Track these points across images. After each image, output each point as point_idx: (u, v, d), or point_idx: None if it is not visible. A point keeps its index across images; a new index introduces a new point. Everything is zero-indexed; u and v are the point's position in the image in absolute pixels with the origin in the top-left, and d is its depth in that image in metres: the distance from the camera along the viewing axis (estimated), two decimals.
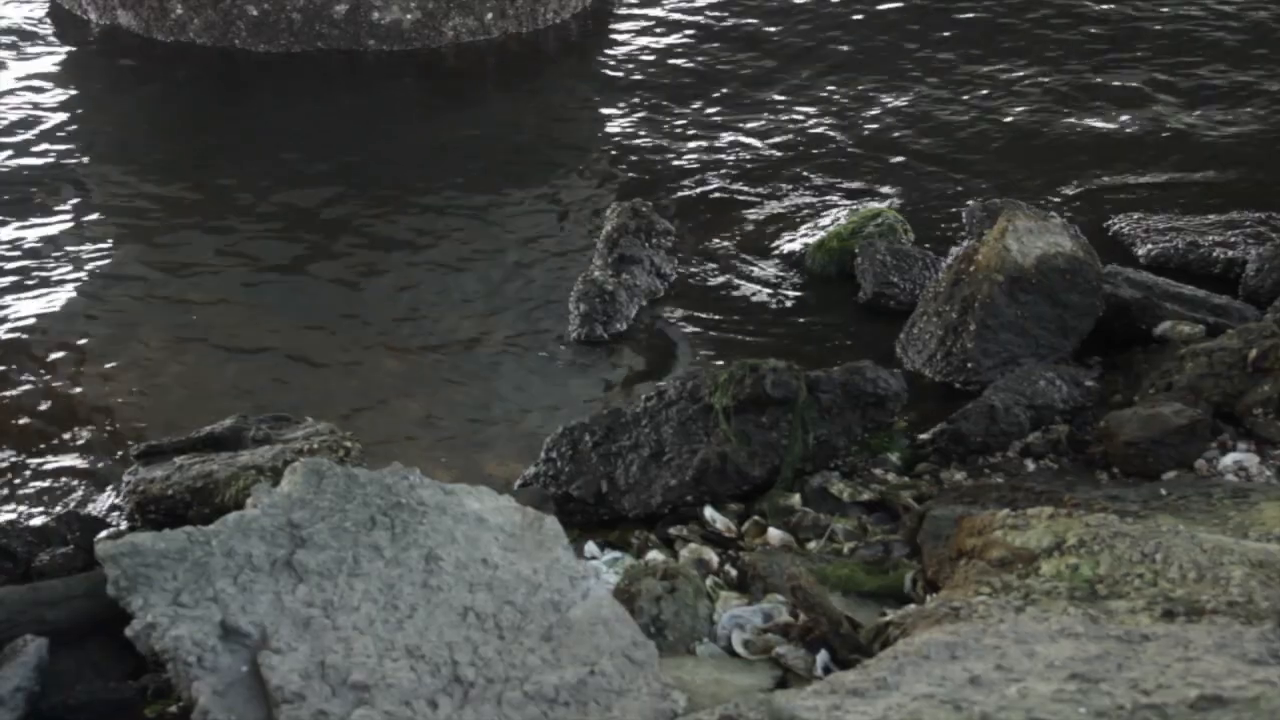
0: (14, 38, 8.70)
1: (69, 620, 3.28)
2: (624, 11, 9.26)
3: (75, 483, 4.69)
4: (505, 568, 3.35)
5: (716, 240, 6.45)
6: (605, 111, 7.93)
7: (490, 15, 8.74)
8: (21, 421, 5.04)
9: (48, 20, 8.98)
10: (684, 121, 7.71)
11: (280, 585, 3.22)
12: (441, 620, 3.20)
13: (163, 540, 3.22)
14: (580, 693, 3.07)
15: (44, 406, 5.15)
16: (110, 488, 4.59)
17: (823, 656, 3.53)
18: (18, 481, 4.69)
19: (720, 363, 5.38)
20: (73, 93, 8.08)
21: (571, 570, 3.38)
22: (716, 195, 6.91)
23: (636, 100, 7.99)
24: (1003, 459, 4.72)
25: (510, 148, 7.53)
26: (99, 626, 3.31)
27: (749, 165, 7.22)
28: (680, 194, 6.92)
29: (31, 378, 5.33)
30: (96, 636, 3.31)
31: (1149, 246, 6.21)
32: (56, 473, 4.76)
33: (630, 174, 7.15)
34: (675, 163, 7.26)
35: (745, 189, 6.97)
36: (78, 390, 5.28)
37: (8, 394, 5.20)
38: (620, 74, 8.36)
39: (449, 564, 3.33)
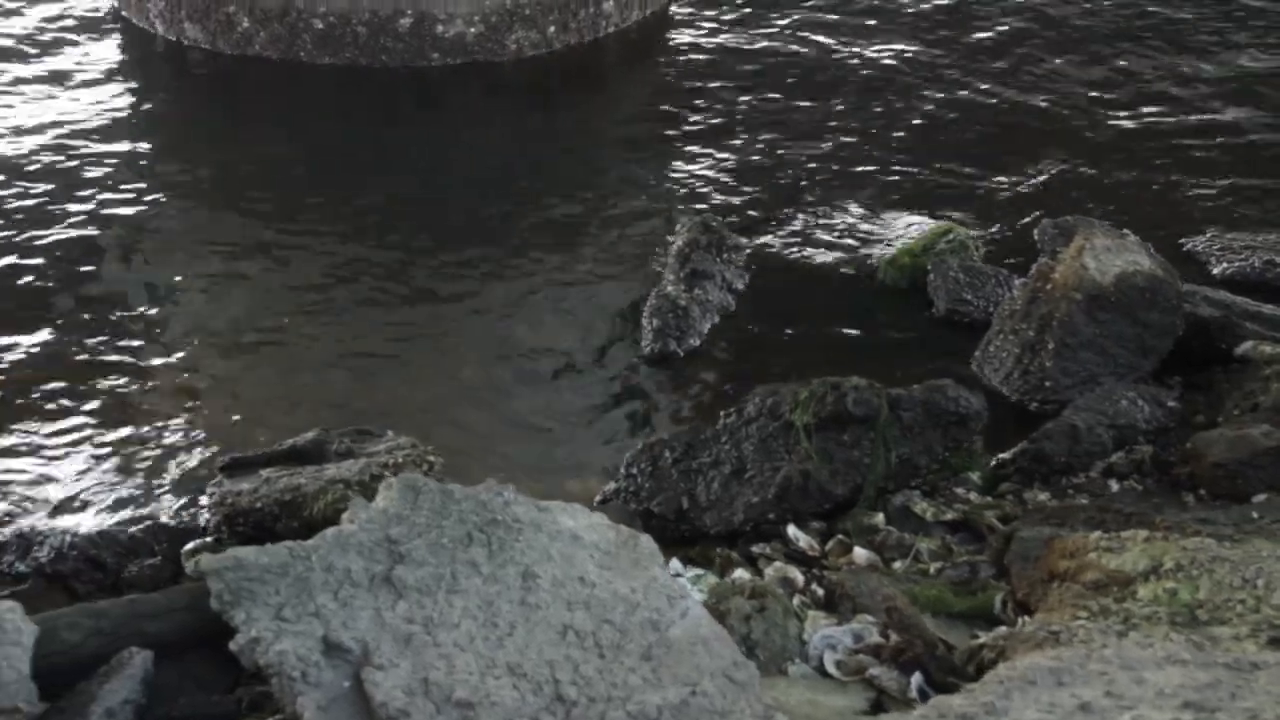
0: (82, 51, 8.77)
1: (169, 633, 3.30)
2: (682, 20, 9.26)
3: (160, 495, 4.73)
4: (602, 586, 3.34)
5: (786, 255, 6.44)
6: (668, 122, 7.93)
7: (553, 29, 8.76)
8: (106, 435, 5.07)
9: (115, 34, 9.05)
10: (746, 133, 7.71)
11: (380, 601, 3.22)
12: (541, 638, 3.19)
13: (265, 555, 3.23)
14: (683, 713, 3.05)
15: (127, 420, 5.18)
16: (195, 500, 4.62)
17: (917, 679, 3.50)
18: (105, 494, 4.72)
19: (797, 380, 5.35)
20: (139, 106, 8.14)
21: (669, 589, 3.36)
22: (783, 208, 6.89)
23: (699, 111, 7.99)
24: (1086, 480, 4.68)
25: (575, 160, 7.55)
26: (198, 639, 3.32)
27: (815, 177, 7.21)
28: (747, 208, 6.91)
29: (113, 392, 5.36)
30: (196, 649, 3.31)
31: (1224, 265, 6.16)
32: (141, 485, 4.79)
33: (696, 187, 7.15)
34: (739, 175, 7.26)
35: (812, 201, 6.96)
36: (157, 404, 5.31)
37: (91, 409, 5.23)
38: (682, 84, 8.37)
39: (546, 581, 3.33)
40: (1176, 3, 9.43)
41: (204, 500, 4.54)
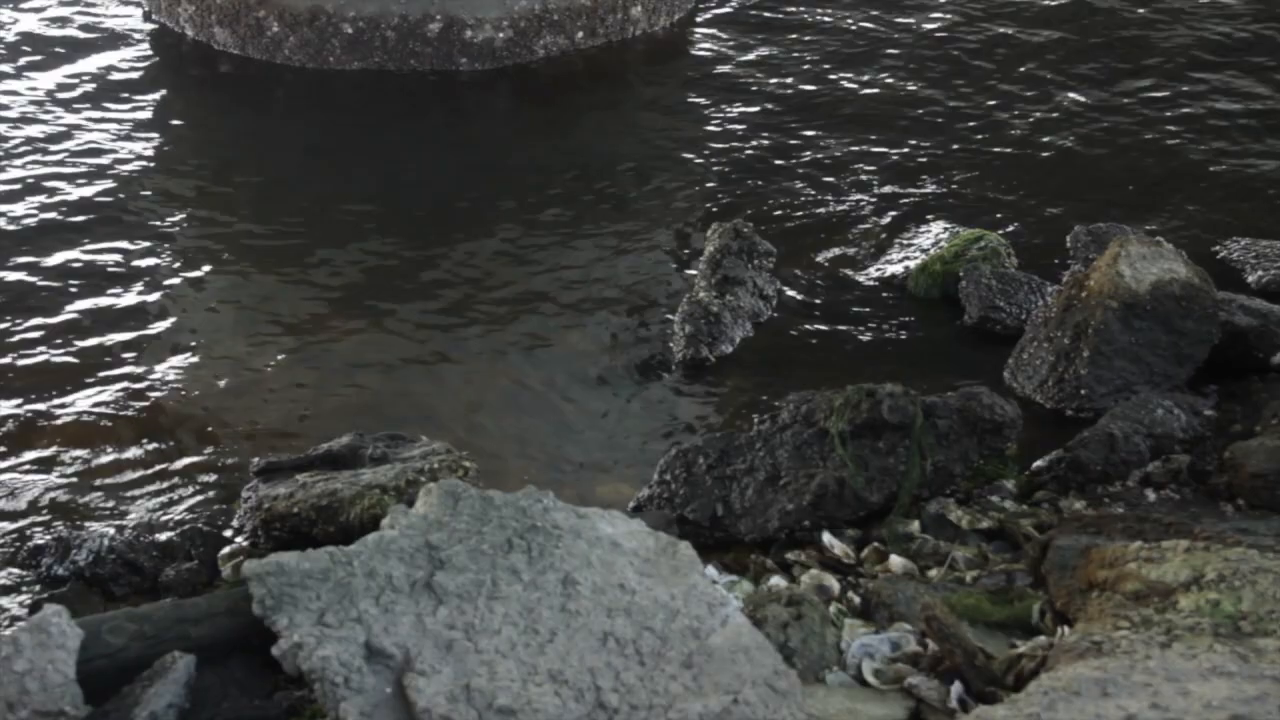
0: (111, 54, 8.79)
1: (211, 637, 3.31)
2: (708, 25, 9.26)
3: (194, 499, 4.73)
4: (642, 593, 3.35)
5: (816, 261, 6.42)
6: (696, 128, 7.93)
7: (581, 34, 8.77)
8: (139, 438, 5.08)
9: (144, 37, 9.08)
10: (774, 139, 7.69)
11: (421, 607, 3.23)
12: (582, 645, 3.20)
13: (306, 560, 3.24)
14: None
15: (159, 424, 5.19)
16: (230, 503, 4.63)
17: (957, 688, 3.49)
18: (139, 497, 4.73)
19: (829, 386, 5.34)
20: (167, 109, 8.16)
21: (709, 597, 3.36)
22: (813, 214, 6.88)
23: (728, 115, 7.99)
24: (1122, 488, 4.66)
25: (605, 165, 7.54)
26: (238, 644, 3.33)
27: (844, 182, 7.19)
28: (776, 213, 6.89)
29: (144, 396, 5.38)
30: (236, 653, 3.32)
31: (1260, 273, 6.12)
32: (175, 489, 4.80)
33: (725, 192, 7.14)
34: (769, 180, 7.24)
35: (841, 207, 6.95)
36: (189, 408, 5.32)
37: (125, 413, 5.24)
38: (709, 89, 8.36)
39: (586, 588, 3.33)
40: (1215, 19, 9.38)
41: (239, 505, 4.56)
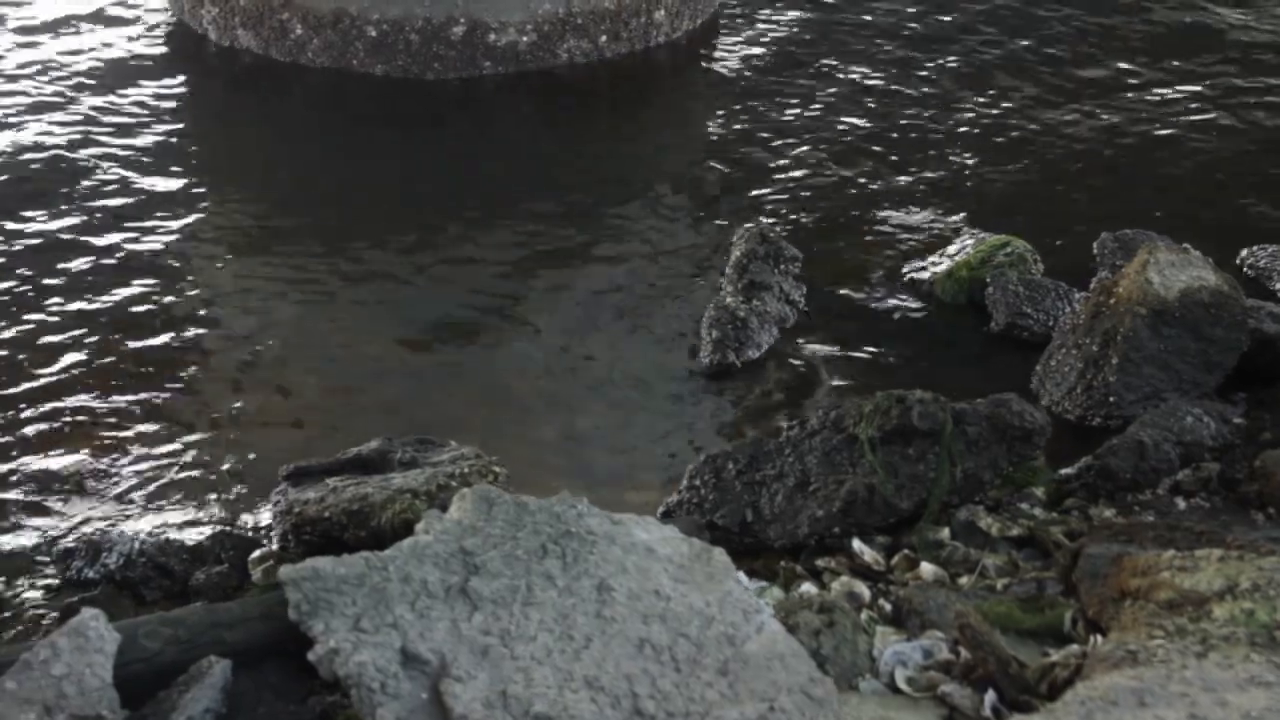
0: (134, 56, 8.82)
1: (245, 642, 3.31)
2: (731, 29, 9.26)
3: (223, 502, 4.74)
4: (677, 600, 3.34)
5: (842, 266, 6.42)
6: (720, 132, 7.94)
7: (604, 38, 8.78)
8: (167, 442, 5.09)
9: (168, 38, 9.10)
10: (797, 142, 7.69)
11: (456, 612, 3.22)
12: (618, 651, 3.19)
13: (342, 565, 3.24)
14: None
15: (186, 427, 5.20)
16: (260, 507, 4.64)
17: (990, 697, 3.48)
18: (169, 501, 4.75)
19: (856, 393, 5.35)
20: (190, 111, 8.20)
21: (744, 604, 3.36)
22: (837, 218, 6.88)
23: (751, 120, 7.99)
24: (1152, 496, 4.65)
25: (628, 170, 7.55)
26: (271, 649, 3.33)
27: (869, 187, 7.19)
28: (800, 218, 6.90)
29: (172, 399, 5.39)
30: (271, 658, 3.33)
31: None
32: (204, 492, 4.81)
33: (749, 196, 7.14)
34: (791, 185, 7.25)
35: (867, 212, 6.94)
36: (216, 411, 5.33)
37: (151, 415, 5.26)
38: (732, 93, 8.37)
39: (621, 594, 3.33)
40: (1240, 28, 9.36)
41: (268, 508, 4.56)
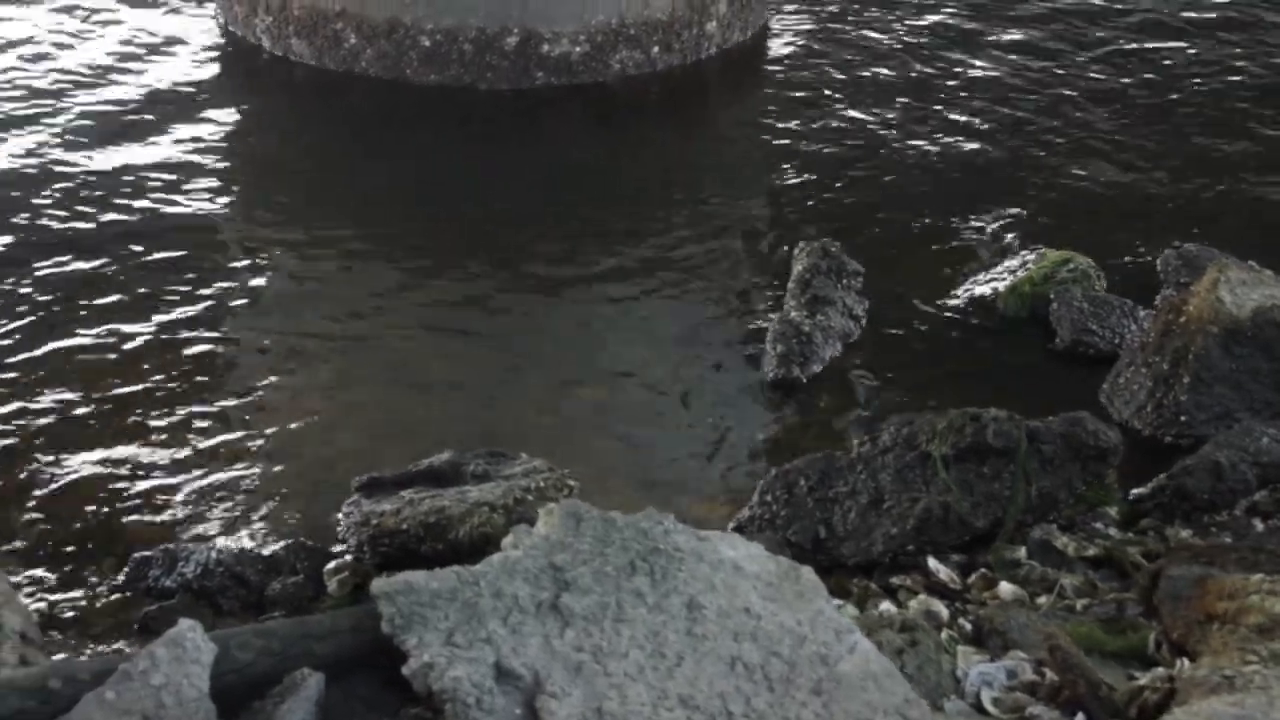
0: (186, 65, 8.85)
1: (335, 654, 3.29)
2: (781, 39, 9.24)
3: (296, 513, 4.74)
4: (768, 618, 3.32)
5: (903, 281, 6.39)
6: (774, 144, 7.92)
7: (656, 49, 8.77)
8: (237, 452, 5.09)
9: (220, 47, 9.14)
10: (853, 155, 7.67)
11: (548, 628, 3.21)
12: (710, 670, 3.17)
13: (435, 579, 3.23)
14: None
15: (255, 437, 5.20)
16: (333, 518, 4.62)
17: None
18: (241, 511, 4.75)
19: (920, 408, 5.31)
20: (243, 121, 8.21)
21: (836, 623, 3.34)
22: (898, 232, 6.86)
23: (805, 132, 7.97)
24: (1229, 517, 4.61)
25: (684, 183, 7.54)
26: (362, 661, 3.32)
27: (925, 200, 7.16)
28: (858, 233, 6.86)
29: (239, 410, 5.38)
30: (360, 671, 3.31)
31: None
32: (276, 502, 4.81)
33: (808, 209, 7.12)
34: (848, 199, 7.23)
35: (925, 225, 6.92)
36: (283, 421, 5.33)
37: (219, 426, 5.26)
38: (787, 104, 8.36)
39: (711, 612, 3.31)
40: None
41: (341, 519, 4.56)
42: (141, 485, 4.87)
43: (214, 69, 8.81)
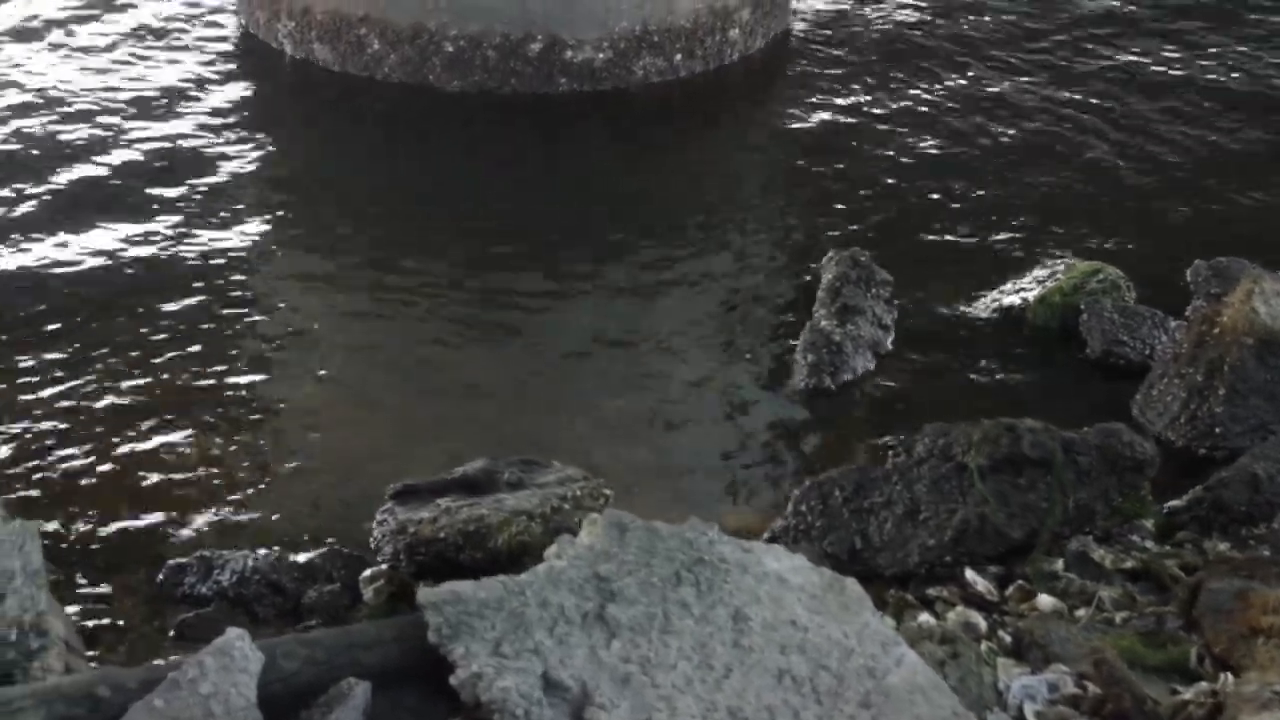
0: (208, 69, 8.83)
1: (380, 664, 3.29)
2: (802, 45, 9.22)
3: (330, 520, 4.74)
4: (814, 630, 3.30)
5: (932, 290, 6.37)
6: (798, 151, 7.90)
7: (679, 56, 8.76)
8: (270, 459, 5.10)
9: (242, 52, 9.12)
10: (879, 161, 7.64)
11: (594, 639, 3.20)
12: (758, 682, 3.16)
13: (482, 589, 3.22)
14: None
15: (287, 445, 5.20)
16: (367, 526, 4.60)
17: None
18: (276, 518, 4.74)
19: (952, 418, 5.28)
20: (265, 125, 8.20)
21: (883, 636, 3.32)
22: (926, 242, 6.84)
23: (829, 139, 7.94)
24: (1266, 530, 4.58)
25: (707, 189, 7.53)
26: (408, 671, 3.31)
27: (953, 208, 7.14)
28: (886, 242, 6.83)
29: (270, 418, 5.38)
30: (405, 680, 3.30)
31: None
32: (310, 510, 4.81)
33: (836, 218, 7.10)
34: (875, 208, 7.20)
35: (954, 234, 6.90)
36: (314, 429, 5.34)
37: (249, 432, 5.26)
38: (809, 111, 8.32)
39: (757, 624, 3.29)
40: None
41: (375, 527, 4.54)
42: (175, 493, 4.86)
43: (235, 73, 8.79)
